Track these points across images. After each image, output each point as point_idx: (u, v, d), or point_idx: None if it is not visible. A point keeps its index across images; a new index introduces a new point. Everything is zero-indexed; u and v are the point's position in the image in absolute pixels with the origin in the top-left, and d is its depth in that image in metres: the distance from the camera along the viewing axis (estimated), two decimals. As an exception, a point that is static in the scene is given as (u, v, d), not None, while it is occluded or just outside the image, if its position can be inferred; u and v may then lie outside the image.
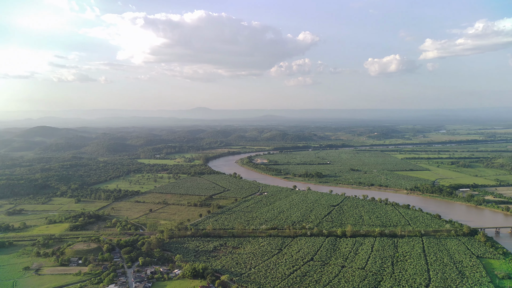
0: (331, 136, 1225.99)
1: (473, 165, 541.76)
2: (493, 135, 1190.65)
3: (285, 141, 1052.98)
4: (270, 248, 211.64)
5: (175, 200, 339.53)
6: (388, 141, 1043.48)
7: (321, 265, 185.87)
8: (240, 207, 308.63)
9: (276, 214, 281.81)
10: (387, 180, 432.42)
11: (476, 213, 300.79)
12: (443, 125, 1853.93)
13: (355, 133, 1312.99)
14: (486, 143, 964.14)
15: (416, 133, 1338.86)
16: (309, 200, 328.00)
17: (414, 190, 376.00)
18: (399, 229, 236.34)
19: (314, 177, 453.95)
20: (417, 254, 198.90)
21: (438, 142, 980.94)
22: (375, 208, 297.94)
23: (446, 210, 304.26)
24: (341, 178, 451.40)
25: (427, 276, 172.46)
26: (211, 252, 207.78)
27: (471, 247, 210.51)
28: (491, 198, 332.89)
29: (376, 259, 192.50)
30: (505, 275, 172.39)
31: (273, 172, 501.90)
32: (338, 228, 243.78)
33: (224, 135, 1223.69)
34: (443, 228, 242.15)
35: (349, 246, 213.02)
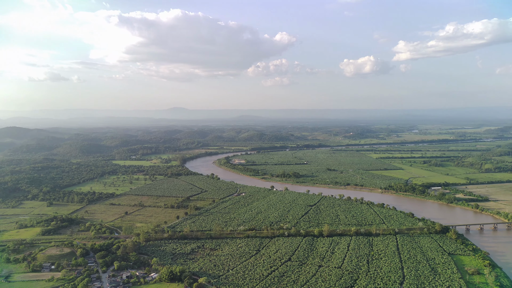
0: (308, 136, 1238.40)
1: (444, 164, 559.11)
2: (463, 134, 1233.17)
3: (262, 141, 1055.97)
4: (248, 249, 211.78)
5: (152, 202, 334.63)
6: (363, 141, 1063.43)
7: (299, 265, 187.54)
8: (218, 208, 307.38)
9: (254, 215, 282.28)
10: (363, 179, 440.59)
11: (448, 211, 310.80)
12: (416, 125, 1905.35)
13: (331, 133, 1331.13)
14: (456, 142, 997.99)
15: (390, 133, 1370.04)
16: (286, 200, 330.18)
17: (389, 189, 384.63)
18: (374, 228, 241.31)
19: (292, 177, 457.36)
20: (392, 252, 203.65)
21: (411, 142, 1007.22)
22: (351, 207, 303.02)
23: (419, 208, 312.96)
24: (318, 178, 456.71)
25: (401, 274, 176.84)
26: (188, 254, 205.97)
27: (443, 244, 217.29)
28: (461, 196, 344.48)
29: (352, 258, 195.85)
30: (474, 271, 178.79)
31: (251, 173, 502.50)
32: (315, 228, 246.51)
33: (201, 135, 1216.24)
34: (416, 226, 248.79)
35: (326, 245, 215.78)
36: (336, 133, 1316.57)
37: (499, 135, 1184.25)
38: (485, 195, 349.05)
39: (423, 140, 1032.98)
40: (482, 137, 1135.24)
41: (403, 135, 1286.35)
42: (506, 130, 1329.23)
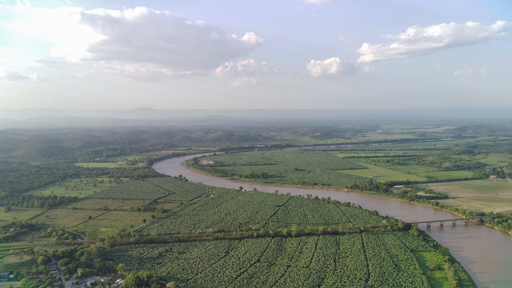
0: (276, 136, 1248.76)
1: (406, 162, 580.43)
2: (423, 134, 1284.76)
3: (231, 141, 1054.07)
4: (217, 251, 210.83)
5: (117, 206, 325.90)
6: (330, 140, 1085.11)
7: (268, 266, 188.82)
8: (186, 210, 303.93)
9: (222, 216, 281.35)
10: (330, 179, 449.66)
11: (410, 208, 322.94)
12: (379, 125, 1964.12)
13: (299, 133, 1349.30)
14: (417, 141, 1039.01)
15: (355, 132, 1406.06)
16: (255, 201, 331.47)
17: (354, 188, 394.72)
18: (340, 227, 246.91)
19: (260, 178, 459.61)
20: (357, 250, 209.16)
21: (375, 141, 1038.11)
22: (318, 207, 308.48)
23: (383, 206, 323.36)
24: (286, 178, 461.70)
25: (367, 271, 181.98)
26: (156, 258, 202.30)
27: (405, 241, 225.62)
28: (422, 194, 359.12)
29: (319, 257, 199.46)
30: (435, 266, 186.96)
31: (219, 174, 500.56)
32: (284, 228, 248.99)
33: (168, 136, 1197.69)
34: (380, 224, 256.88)
35: (294, 245, 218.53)
36: (303, 133, 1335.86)
37: (457, 135, 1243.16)
38: (444, 193, 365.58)
39: (386, 140, 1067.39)
40: (441, 137, 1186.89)
41: (367, 135, 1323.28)
42: (464, 130, 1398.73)
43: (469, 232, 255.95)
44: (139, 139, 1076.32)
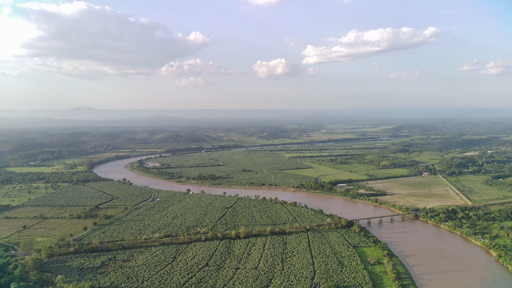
0: (223, 137, 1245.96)
1: (348, 161, 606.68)
2: (364, 133, 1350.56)
3: (177, 142, 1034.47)
4: (164, 257, 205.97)
5: (55, 213, 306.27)
6: (276, 140, 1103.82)
7: (216, 270, 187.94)
8: (130, 215, 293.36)
9: (169, 221, 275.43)
10: (277, 179, 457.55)
11: (352, 206, 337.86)
12: (324, 125, 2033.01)
13: (246, 133, 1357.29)
14: (358, 141, 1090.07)
15: (301, 132, 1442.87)
16: (203, 203, 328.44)
17: (300, 187, 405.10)
18: (287, 226, 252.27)
19: (208, 179, 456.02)
20: (304, 249, 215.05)
21: (320, 141, 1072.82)
22: (266, 207, 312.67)
23: (328, 204, 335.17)
24: (234, 179, 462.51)
25: (313, 269, 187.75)
26: (98, 268, 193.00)
27: (348, 238, 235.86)
28: (363, 192, 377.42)
29: (267, 257, 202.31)
30: (375, 261, 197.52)
31: (166, 176, 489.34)
32: (232, 230, 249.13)
33: (111, 137, 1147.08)
34: (325, 222, 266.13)
35: (243, 247, 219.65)
36: (251, 133, 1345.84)
37: (393, 134, 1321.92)
38: (383, 190, 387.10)
39: (330, 140, 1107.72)
40: (379, 136, 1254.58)
41: (312, 134, 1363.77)
42: (399, 129, 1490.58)
43: (406, 227, 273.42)
44: (79, 141, 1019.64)
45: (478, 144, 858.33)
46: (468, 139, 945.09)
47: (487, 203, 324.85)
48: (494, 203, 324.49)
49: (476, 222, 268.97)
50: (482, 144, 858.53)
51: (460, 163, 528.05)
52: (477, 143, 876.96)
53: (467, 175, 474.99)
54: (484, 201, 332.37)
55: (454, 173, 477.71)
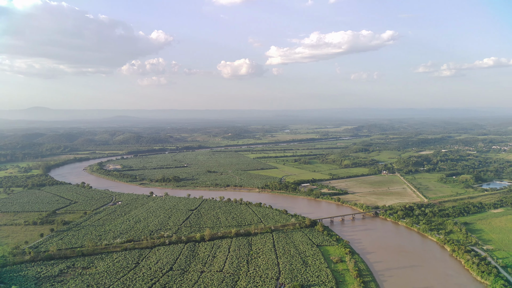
0: (187, 138, 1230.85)
1: (312, 161, 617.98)
2: (326, 133, 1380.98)
3: (140, 144, 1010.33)
4: (126, 263, 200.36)
5: (8, 220, 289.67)
6: (241, 141, 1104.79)
7: (181, 274, 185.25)
8: (90, 220, 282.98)
9: (132, 225, 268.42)
10: (241, 180, 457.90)
11: (316, 205, 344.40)
12: (287, 125, 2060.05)
13: (210, 134, 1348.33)
14: (321, 141, 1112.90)
15: (265, 133, 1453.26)
16: (167, 206, 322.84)
17: (265, 188, 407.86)
18: (253, 227, 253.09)
19: (172, 182, 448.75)
20: (269, 250, 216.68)
21: (284, 141, 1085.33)
22: (231, 208, 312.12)
23: (292, 204, 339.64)
24: (199, 180, 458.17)
25: (278, 269, 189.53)
26: (56, 277, 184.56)
27: (312, 237, 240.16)
28: (326, 191, 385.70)
29: (233, 259, 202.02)
30: (338, 259, 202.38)
31: (128, 179, 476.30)
32: (197, 233, 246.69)
33: (69, 139, 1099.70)
34: (289, 222, 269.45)
35: (208, 250, 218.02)
36: (215, 134, 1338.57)
37: (354, 134, 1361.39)
38: (345, 189, 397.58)
39: (294, 140, 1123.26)
40: (341, 136, 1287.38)
41: (277, 135, 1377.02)
42: (360, 129, 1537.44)
43: (366, 224, 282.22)
44: (34, 142, 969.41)
45: (433, 143, 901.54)
46: (423, 139, 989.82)
47: (441, 200, 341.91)
48: (448, 200, 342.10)
49: (432, 218, 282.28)
50: (436, 143, 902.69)
51: (416, 162, 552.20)
52: (432, 142, 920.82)
53: (423, 173, 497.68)
54: (439, 198, 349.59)
55: (411, 172, 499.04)
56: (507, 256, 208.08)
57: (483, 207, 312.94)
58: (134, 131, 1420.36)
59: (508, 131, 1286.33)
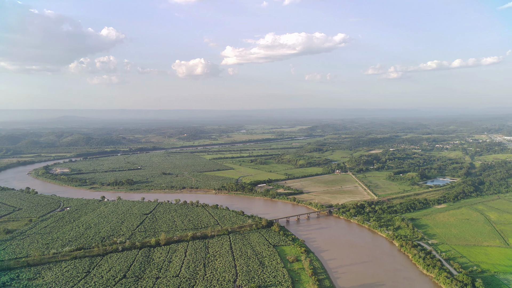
0: (141, 139, 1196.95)
1: (268, 161, 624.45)
2: (282, 133, 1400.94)
3: (90, 145, 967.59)
4: (76, 272, 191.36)
5: None
6: (197, 142, 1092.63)
7: (135, 281, 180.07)
8: (36, 228, 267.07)
9: (82, 232, 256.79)
10: (198, 181, 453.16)
11: (272, 205, 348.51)
12: (243, 125, 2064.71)
13: (165, 134, 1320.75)
14: (277, 141, 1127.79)
15: (221, 133, 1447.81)
16: (119, 210, 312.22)
17: (222, 189, 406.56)
18: (209, 230, 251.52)
19: (125, 185, 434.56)
20: (226, 252, 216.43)
21: (240, 142, 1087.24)
22: (187, 211, 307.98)
23: (249, 205, 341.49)
24: (153, 183, 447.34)
25: (235, 271, 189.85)
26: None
27: (268, 238, 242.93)
28: (282, 191, 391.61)
29: (189, 263, 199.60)
30: (294, 259, 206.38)
31: (77, 183, 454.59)
32: (151, 237, 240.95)
33: (11, 141, 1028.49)
34: (246, 223, 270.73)
35: (163, 255, 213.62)
36: (170, 134, 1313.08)
37: (309, 134, 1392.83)
38: (300, 188, 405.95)
39: (250, 140, 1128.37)
40: (296, 136, 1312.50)
41: (233, 135, 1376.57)
42: (314, 129, 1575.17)
43: (321, 223, 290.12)
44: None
45: (382, 142, 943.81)
46: (373, 138, 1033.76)
47: (390, 197, 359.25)
48: (396, 197, 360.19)
49: (381, 215, 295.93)
50: (385, 142, 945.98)
51: (367, 161, 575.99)
52: (381, 141, 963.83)
53: (373, 171, 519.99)
54: (387, 195, 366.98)
55: (362, 170, 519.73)
56: (449, 250, 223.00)
57: (427, 203, 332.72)
58: (84, 132, 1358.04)
59: (450, 130, 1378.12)
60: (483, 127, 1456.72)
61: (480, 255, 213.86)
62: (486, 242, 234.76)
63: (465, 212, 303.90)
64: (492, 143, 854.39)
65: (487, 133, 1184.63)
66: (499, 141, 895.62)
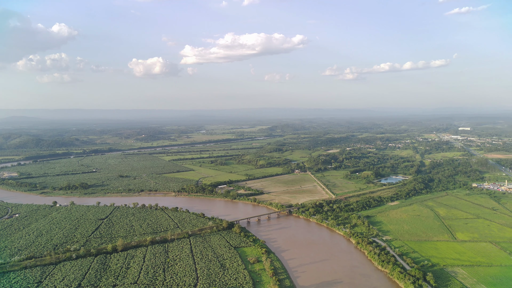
0: (96, 140, 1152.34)
1: (228, 162, 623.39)
2: (242, 134, 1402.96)
3: (40, 147, 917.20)
4: (26, 283, 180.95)
5: None
6: (155, 143, 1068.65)
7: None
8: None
9: (32, 239, 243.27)
10: (157, 184, 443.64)
11: (233, 207, 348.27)
12: (204, 125, 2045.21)
13: (122, 135, 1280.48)
14: (237, 141, 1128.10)
15: (181, 134, 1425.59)
16: (73, 216, 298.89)
17: (181, 191, 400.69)
18: (169, 234, 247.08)
19: (79, 189, 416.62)
20: (186, 256, 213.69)
21: (200, 142, 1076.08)
22: (146, 215, 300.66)
23: (209, 207, 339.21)
24: (110, 186, 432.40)
25: (195, 275, 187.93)
26: None
27: (229, 240, 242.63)
28: (243, 192, 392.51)
29: (148, 269, 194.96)
30: (255, 260, 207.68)
31: (26, 188, 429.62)
32: (108, 243, 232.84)
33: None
34: (207, 225, 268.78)
35: (121, 261, 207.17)
36: (127, 135, 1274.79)
37: (269, 134, 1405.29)
38: (260, 189, 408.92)
39: (210, 140, 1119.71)
40: (256, 136, 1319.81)
41: (193, 135, 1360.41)
42: (274, 129, 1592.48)
43: (281, 223, 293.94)
44: None
45: (339, 142, 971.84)
46: (331, 138, 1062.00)
47: (347, 196, 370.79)
48: (353, 195, 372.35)
49: (339, 213, 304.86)
50: (342, 142, 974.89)
51: (325, 160, 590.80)
52: (338, 141, 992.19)
53: (331, 170, 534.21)
54: (345, 194, 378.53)
55: (321, 170, 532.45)
56: (402, 245, 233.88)
57: (382, 200, 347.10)
58: (33, 133, 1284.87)
59: (401, 129, 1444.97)
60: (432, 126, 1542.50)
61: (431, 249, 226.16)
62: (436, 237, 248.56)
63: (416, 209, 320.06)
64: (441, 142, 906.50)
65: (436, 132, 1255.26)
66: (446, 140, 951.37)
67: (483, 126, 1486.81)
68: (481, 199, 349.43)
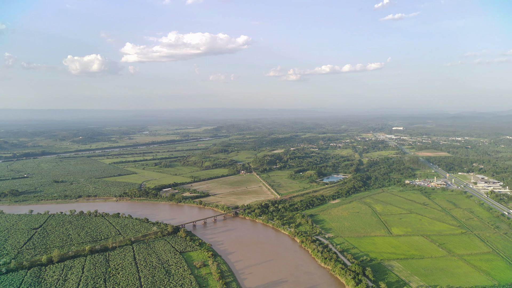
0: (27, 143, 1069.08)
1: (173, 164, 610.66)
2: (186, 134, 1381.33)
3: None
4: None
5: None
6: (94, 145, 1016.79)
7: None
8: None
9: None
10: (96, 189, 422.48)
11: (178, 210, 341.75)
12: (146, 126, 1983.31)
13: (57, 137, 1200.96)
14: (182, 142, 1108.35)
15: (122, 135, 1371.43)
16: (2, 226, 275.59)
17: (123, 196, 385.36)
18: (110, 241, 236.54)
19: (8, 196, 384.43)
20: (129, 264, 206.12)
21: (143, 144, 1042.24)
22: (84, 222, 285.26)
23: (153, 212, 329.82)
24: (44, 193, 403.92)
25: (139, 284, 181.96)
26: None
27: (175, 244, 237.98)
28: (188, 195, 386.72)
29: (88, 280, 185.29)
30: (201, 264, 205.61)
31: None
32: (42, 255, 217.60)
33: None
34: (151, 231, 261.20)
35: (57, 273, 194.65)
36: (63, 137, 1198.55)
37: (214, 134, 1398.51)
38: (206, 191, 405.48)
39: (154, 142, 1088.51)
40: (201, 137, 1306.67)
41: (135, 137, 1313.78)
42: (219, 130, 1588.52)
43: (227, 225, 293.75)
44: None
45: (283, 142, 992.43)
46: (275, 138, 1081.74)
47: (292, 195, 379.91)
48: (297, 195, 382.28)
49: (284, 213, 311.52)
50: (286, 142, 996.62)
51: (270, 161, 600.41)
52: (283, 141, 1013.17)
53: (276, 171, 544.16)
54: (289, 194, 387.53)
55: (266, 170, 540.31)
56: (343, 242, 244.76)
57: (324, 199, 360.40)
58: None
59: (342, 129, 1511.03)
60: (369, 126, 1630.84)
61: (369, 245, 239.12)
62: (373, 232, 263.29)
63: (356, 206, 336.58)
64: (377, 141, 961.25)
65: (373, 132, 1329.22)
66: (382, 139, 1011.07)
67: (414, 126, 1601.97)
68: (413, 195, 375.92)
